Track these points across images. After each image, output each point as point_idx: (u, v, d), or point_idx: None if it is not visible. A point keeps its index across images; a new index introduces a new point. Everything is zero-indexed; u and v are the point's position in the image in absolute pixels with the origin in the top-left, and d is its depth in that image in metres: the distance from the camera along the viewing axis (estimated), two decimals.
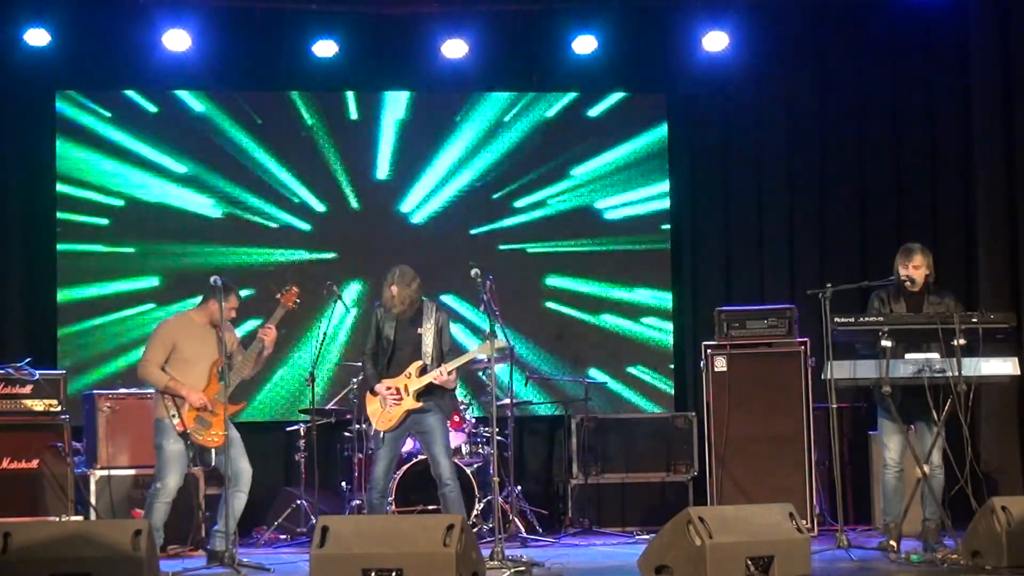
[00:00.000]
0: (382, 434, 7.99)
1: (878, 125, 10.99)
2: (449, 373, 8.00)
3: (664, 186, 11.09)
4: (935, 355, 7.84)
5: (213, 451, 7.85)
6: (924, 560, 7.58)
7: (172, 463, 7.81)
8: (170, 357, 7.87)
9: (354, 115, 10.93)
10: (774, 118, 11.05)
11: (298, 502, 9.52)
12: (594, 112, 11.12)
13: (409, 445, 9.27)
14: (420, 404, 7.97)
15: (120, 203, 10.62)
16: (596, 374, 10.78)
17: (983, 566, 7.12)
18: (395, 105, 10.96)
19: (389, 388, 7.97)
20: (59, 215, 10.50)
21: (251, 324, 9.56)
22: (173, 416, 7.77)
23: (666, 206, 11.08)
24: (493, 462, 8.20)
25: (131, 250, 10.60)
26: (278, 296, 8.02)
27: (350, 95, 10.92)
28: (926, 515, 8.02)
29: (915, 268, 8.06)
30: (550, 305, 10.97)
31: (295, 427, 9.77)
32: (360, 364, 9.62)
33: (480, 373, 9.88)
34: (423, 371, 7.99)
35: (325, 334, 9.45)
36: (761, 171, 11.05)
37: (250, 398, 10.28)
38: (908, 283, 8.08)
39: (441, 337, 8.08)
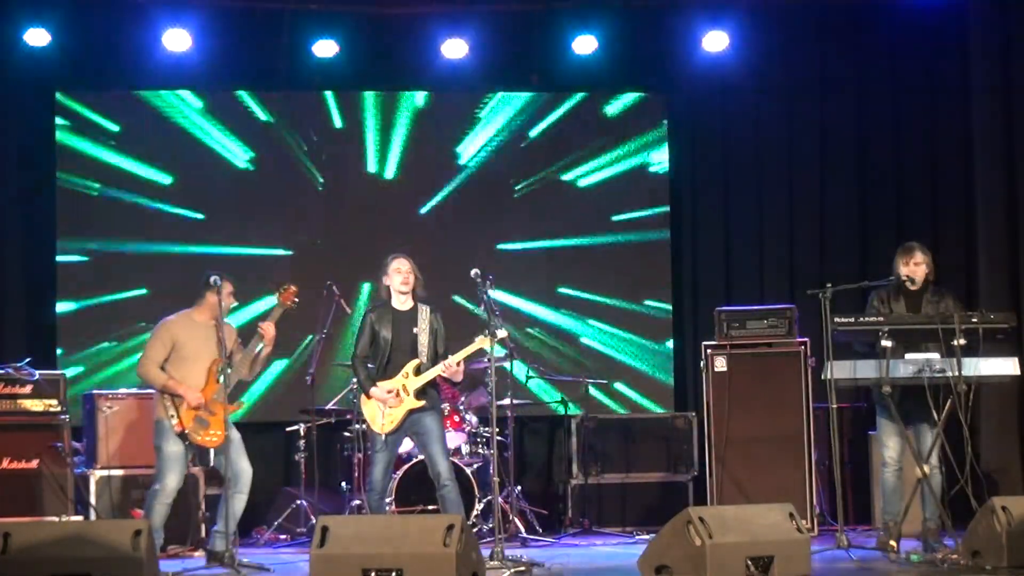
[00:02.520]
0: (384, 436, 7.97)
1: (878, 125, 10.99)
2: (458, 364, 7.98)
3: (664, 186, 11.09)
4: (935, 355, 7.83)
5: (212, 451, 7.85)
6: (924, 560, 7.58)
7: (171, 464, 7.80)
8: (170, 356, 7.87)
9: (355, 115, 10.94)
10: (774, 118, 11.05)
11: (298, 502, 9.52)
12: (594, 112, 11.12)
13: (408, 445, 9.27)
14: (422, 403, 7.96)
15: (120, 203, 10.62)
16: (596, 374, 10.77)
17: (983, 566, 7.11)
18: (396, 105, 10.96)
19: (389, 391, 7.96)
20: (59, 214, 10.50)
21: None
22: (172, 416, 7.77)
23: (666, 206, 11.08)
24: (493, 462, 8.20)
25: (131, 249, 10.61)
26: (276, 294, 8.02)
27: (350, 95, 10.92)
28: (926, 516, 8.02)
29: (916, 265, 8.06)
30: (549, 305, 10.97)
31: (295, 427, 9.77)
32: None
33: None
34: (419, 370, 7.98)
35: (325, 334, 9.45)
36: (761, 171, 11.05)
37: (250, 398, 10.29)
38: (909, 283, 8.08)
39: (437, 338, 8.07)
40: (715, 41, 10.53)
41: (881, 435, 8.14)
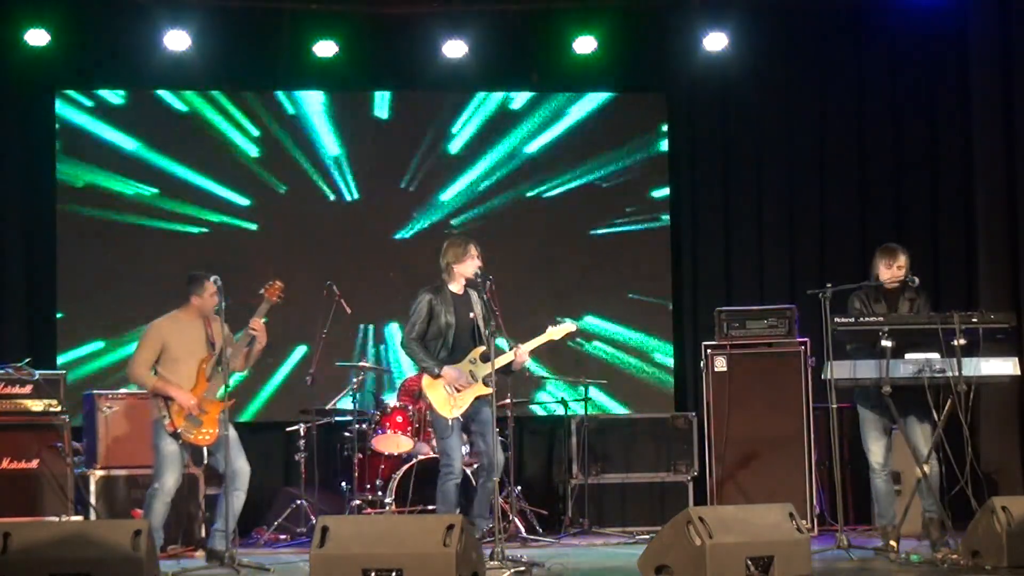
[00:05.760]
0: (450, 421, 7.95)
1: (878, 125, 11.00)
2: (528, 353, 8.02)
3: (664, 186, 11.09)
4: (935, 355, 7.82)
5: (205, 449, 7.85)
6: (924, 560, 7.58)
7: (168, 463, 7.80)
8: (160, 357, 7.87)
9: (355, 115, 10.94)
10: (774, 118, 11.05)
11: (298, 502, 9.51)
12: (594, 112, 11.12)
13: (408, 446, 9.28)
14: (489, 389, 7.91)
15: (119, 203, 10.62)
16: (596, 374, 10.75)
17: (983, 566, 7.12)
18: (395, 105, 10.97)
19: (458, 378, 7.95)
20: (59, 215, 10.50)
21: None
22: (164, 417, 7.77)
23: (666, 206, 11.09)
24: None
25: (131, 249, 10.61)
26: (262, 291, 8.00)
27: (349, 95, 10.93)
28: (925, 507, 7.99)
29: (899, 269, 8.07)
30: (549, 305, 10.96)
31: (295, 427, 9.76)
32: (360, 364, 9.69)
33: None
34: (484, 356, 7.97)
35: (325, 334, 9.45)
36: (761, 171, 11.05)
37: (250, 398, 10.30)
38: (907, 278, 8.05)
39: (487, 322, 8.04)
40: (715, 41, 10.53)
41: (866, 440, 8.12)
